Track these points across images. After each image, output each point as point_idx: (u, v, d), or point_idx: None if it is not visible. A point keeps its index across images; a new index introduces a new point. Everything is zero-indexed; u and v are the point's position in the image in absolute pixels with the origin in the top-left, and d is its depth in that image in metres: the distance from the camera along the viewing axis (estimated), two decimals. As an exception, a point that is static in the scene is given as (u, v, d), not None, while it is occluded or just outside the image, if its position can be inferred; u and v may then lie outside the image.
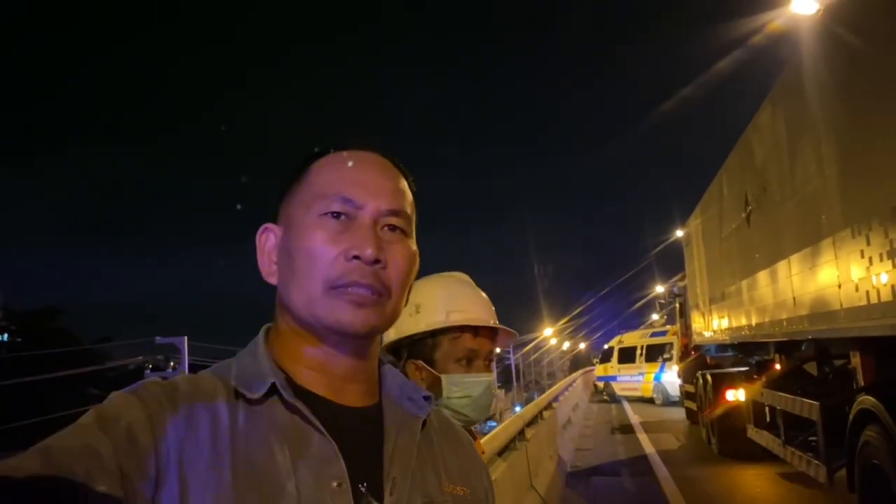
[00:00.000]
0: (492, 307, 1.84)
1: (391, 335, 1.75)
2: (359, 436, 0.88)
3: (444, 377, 1.69)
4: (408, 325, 1.73)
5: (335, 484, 0.81)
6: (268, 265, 0.94)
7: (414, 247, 0.93)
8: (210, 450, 0.78)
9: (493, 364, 1.80)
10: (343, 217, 0.88)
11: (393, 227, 0.91)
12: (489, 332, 1.77)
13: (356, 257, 0.86)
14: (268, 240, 0.95)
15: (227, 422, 0.81)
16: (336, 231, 0.87)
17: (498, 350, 1.92)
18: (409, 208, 0.94)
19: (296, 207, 0.91)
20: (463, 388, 1.69)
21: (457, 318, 1.72)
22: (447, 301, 1.75)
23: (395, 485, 0.86)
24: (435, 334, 1.72)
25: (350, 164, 0.92)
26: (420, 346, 1.73)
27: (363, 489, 0.84)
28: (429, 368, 1.71)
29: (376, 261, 0.87)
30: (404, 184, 0.95)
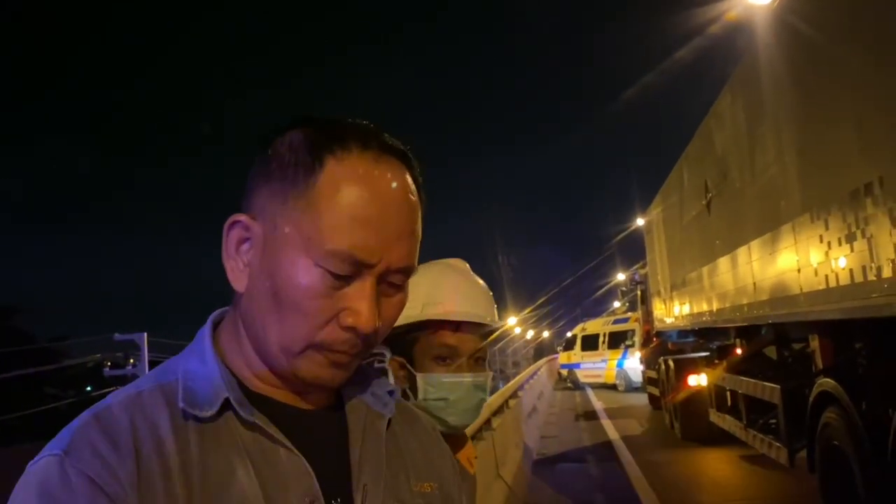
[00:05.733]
0: (489, 299, 1.65)
1: None
2: (325, 442, 0.82)
3: (419, 376, 1.51)
4: None
5: (308, 501, 0.77)
6: (235, 269, 0.80)
7: (408, 287, 0.82)
8: (163, 490, 0.70)
9: (486, 362, 1.60)
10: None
11: (397, 285, 0.80)
12: (475, 327, 1.58)
13: (351, 328, 0.76)
14: (239, 237, 0.79)
15: (175, 454, 0.72)
16: (334, 285, 0.75)
17: None
18: (418, 239, 0.81)
19: (287, 223, 0.76)
20: (439, 389, 1.50)
21: (433, 312, 1.54)
22: (427, 293, 1.54)
23: (366, 493, 0.82)
24: (412, 329, 1.54)
25: (369, 194, 0.76)
26: (400, 342, 1.54)
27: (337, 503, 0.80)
28: (408, 366, 1.54)
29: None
30: (419, 211, 0.81)
